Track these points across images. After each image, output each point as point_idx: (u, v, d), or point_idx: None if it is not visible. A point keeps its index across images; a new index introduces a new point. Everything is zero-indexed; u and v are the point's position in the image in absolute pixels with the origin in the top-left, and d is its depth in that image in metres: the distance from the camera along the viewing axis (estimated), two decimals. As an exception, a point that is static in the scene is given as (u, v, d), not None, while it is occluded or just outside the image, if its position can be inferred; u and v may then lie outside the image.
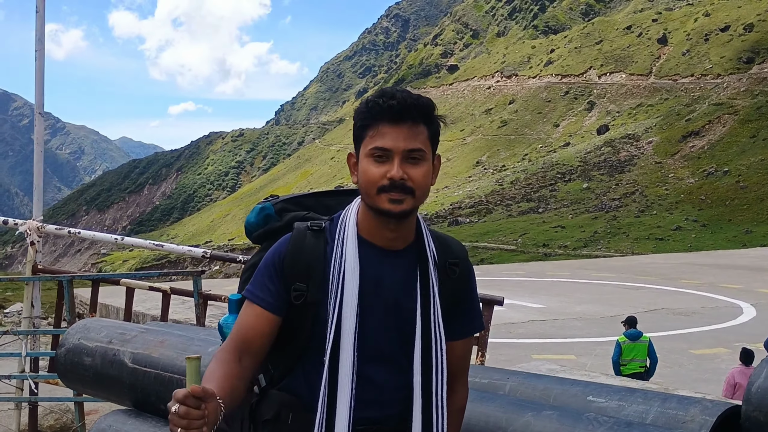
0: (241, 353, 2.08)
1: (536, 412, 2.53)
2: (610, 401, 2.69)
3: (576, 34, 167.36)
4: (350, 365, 2.07)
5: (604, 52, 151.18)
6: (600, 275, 26.62)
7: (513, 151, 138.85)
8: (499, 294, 19.60)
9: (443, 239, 2.27)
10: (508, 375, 3.01)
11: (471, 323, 2.30)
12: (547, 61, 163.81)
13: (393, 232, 2.14)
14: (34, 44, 6.18)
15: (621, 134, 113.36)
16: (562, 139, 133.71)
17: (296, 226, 2.22)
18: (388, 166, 2.05)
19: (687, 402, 2.61)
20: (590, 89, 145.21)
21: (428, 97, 2.13)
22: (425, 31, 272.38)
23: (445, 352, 2.18)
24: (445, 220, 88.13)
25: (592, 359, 13.71)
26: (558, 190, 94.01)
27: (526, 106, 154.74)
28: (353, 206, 2.22)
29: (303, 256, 2.15)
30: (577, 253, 62.00)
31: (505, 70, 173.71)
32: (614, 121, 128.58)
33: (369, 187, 2.07)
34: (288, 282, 2.14)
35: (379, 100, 2.07)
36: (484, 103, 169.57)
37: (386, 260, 2.16)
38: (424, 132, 2.09)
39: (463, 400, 2.34)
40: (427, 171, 2.09)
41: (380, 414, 2.14)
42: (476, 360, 4.79)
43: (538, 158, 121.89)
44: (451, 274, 2.22)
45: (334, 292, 2.10)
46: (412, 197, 2.06)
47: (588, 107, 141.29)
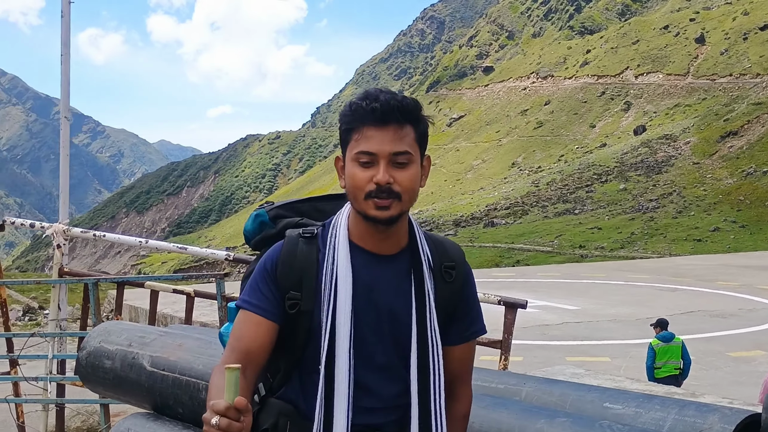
0: (243, 365, 1.99)
1: (549, 419, 2.49)
2: (627, 408, 2.65)
3: (612, 34, 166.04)
4: (346, 372, 2.04)
5: (641, 52, 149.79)
6: (636, 277, 26.34)
7: (549, 152, 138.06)
8: (534, 295, 19.53)
9: (439, 242, 2.23)
10: (524, 380, 2.97)
11: (471, 327, 2.24)
12: (583, 61, 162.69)
13: (383, 237, 2.10)
14: (70, 49, 6.23)
15: (658, 135, 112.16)
16: (598, 139, 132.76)
17: (288, 234, 2.18)
18: (374, 170, 2.00)
19: (706, 409, 2.55)
20: (627, 89, 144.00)
21: (414, 98, 2.09)
22: (460, 32, 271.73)
23: (442, 358, 2.13)
24: (481, 221, 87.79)
25: (627, 361, 13.58)
26: (594, 191, 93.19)
27: (562, 107, 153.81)
28: (344, 211, 2.18)
29: (295, 264, 2.11)
30: (614, 255, 61.46)
31: (541, 71, 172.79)
32: (651, 121, 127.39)
33: (356, 192, 2.03)
34: (281, 290, 2.10)
35: (362, 103, 2.03)
36: (519, 104, 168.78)
37: (379, 266, 2.12)
38: (410, 134, 2.05)
39: (466, 407, 2.29)
40: (414, 174, 2.05)
41: (379, 421, 2.11)
42: (499, 365, 4.75)
43: (574, 159, 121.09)
44: (447, 277, 2.17)
45: (327, 300, 2.06)
46: (399, 202, 2.02)
47: (625, 108, 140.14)
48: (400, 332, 2.11)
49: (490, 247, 69.01)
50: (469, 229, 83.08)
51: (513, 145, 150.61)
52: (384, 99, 2.02)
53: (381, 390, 2.11)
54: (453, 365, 2.22)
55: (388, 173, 2.00)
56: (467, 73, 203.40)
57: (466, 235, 77.17)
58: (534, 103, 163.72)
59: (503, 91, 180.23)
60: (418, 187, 2.08)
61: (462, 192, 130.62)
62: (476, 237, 75.48)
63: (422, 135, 2.10)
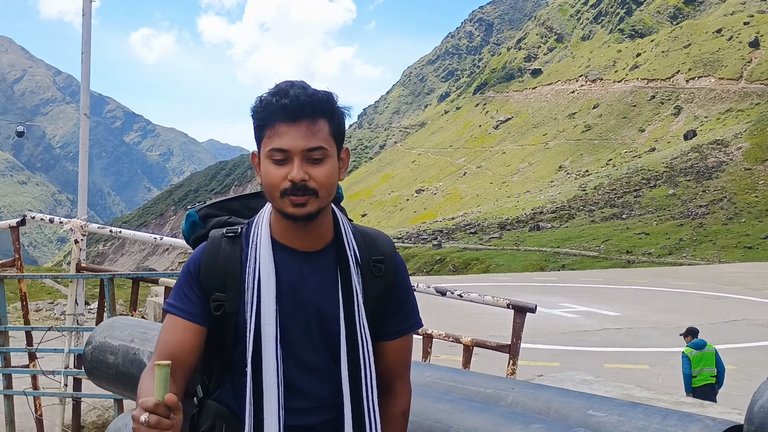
0: (172, 370, 1.96)
1: (525, 425, 2.45)
2: (610, 416, 2.61)
3: (663, 37, 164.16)
4: (274, 374, 2.00)
5: (693, 55, 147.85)
6: (680, 284, 25.99)
7: (597, 156, 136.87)
8: (575, 301, 19.35)
9: (369, 236, 2.17)
10: (513, 385, 2.94)
11: (405, 322, 2.18)
12: (633, 65, 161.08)
13: (305, 234, 2.06)
14: (90, 47, 6.29)
15: (709, 140, 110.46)
16: (647, 144, 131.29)
17: (211, 234, 2.15)
18: (289, 167, 1.95)
19: (688, 419, 2.50)
20: (677, 94, 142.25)
21: (327, 90, 2.03)
22: (509, 35, 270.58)
23: (372, 355, 2.08)
24: (526, 225, 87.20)
25: (666, 369, 13.41)
26: (642, 196, 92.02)
27: (611, 110, 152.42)
28: (266, 209, 2.13)
29: (218, 265, 2.07)
30: (662, 261, 60.67)
31: (590, 74, 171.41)
32: (702, 126, 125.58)
33: (272, 190, 1.98)
34: (206, 292, 2.06)
35: (272, 99, 1.97)
36: (567, 107, 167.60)
37: (304, 263, 2.07)
38: (324, 128, 1.99)
39: (405, 403, 2.22)
40: (330, 169, 2.00)
41: (312, 421, 2.06)
42: (507, 369, 4.69)
43: (622, 163, 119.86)
44: (376, 272, 2.11)
45: (250, 300, 2.02)
46: (317, 198, 1.97)
47: (675, 112, 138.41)
48: (329, 330, 2.06)
49: (535, 251, 68.45)
50: (515, 232, 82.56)
51: (560, 148, 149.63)
52: (294, 94, 1.96)
53: (313, 390, 2.06)
54: (389, 361, 2.17)
55: (302, 170, 1.95)
56: (515, 76, 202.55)
57: (511, 239, 76.73)
58: (582, 106, 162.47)
59: (551, 93, 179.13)
60: (336, 181, 2.03)
61: (508, 195, 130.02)
62: (521, 241, 74.93)
63: (337, 128, 2.03)
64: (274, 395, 2.00)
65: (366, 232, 2.19)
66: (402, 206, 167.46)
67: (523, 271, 49.62)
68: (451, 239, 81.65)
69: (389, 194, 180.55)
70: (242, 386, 2.04)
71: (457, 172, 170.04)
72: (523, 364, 13.16)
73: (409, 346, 2.24)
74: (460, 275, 48.52)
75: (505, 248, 69.61)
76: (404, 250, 71.49)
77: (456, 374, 3.15)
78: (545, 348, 15.06)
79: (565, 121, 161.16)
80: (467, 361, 4.68)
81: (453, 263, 64.01)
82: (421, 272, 61.49)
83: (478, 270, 57.28)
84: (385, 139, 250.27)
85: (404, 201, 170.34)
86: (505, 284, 27.50)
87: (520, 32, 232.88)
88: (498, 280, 30.17)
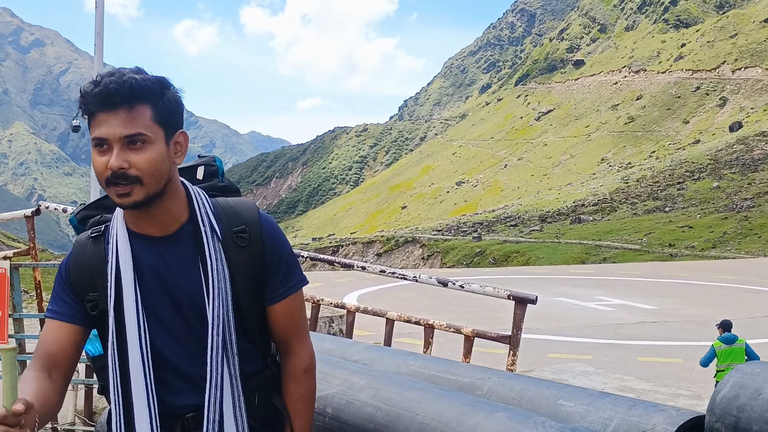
0: (49, 369, 2.02)
1: (488, 414, 2.48)
2: (578, 406, 2.65)
3: (709, 27, 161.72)
4: (139, 359, 2.02)
5: (739, 46, 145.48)
6: (720, 277, 25.62)
7: (639, 148, 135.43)
8: (611, 294, 19.16)
9: (231, 206, 2.17)
10: (490, 375, 2.98)
11: (286, 283, 2.17)
12: (677, 55, 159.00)
13: (153, 220, 2.05)
14: (103, 39, 6.35)
15: (755, 131, 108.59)
16: (691, 136, 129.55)
17: (77, 239, 2.17)
18: (109, 155, 1.93)
19: (653, 409, 2.52)
20: (723, 85, 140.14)
21: (153, 76, 2.01)
22: (551, 25, 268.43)
23: (234, 327, 2.07)
24: (568, 217, 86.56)
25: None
26: (686, 189, 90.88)
27: (655, 101, 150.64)
28: None
29: (84, 267, 2.09)
30: (705, 254, 59.83)
31: (633, 65, 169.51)
32: (748, 117, 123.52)
33: (99, 179, 1.99)
34: (79, 294, 2.09)
35: (88, 88, 1.95)
36: (610, 98, 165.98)
37: (161, 247, 2.07)
38: (146, 113, 1.96)
39: (305, 361, 2.23)
40: (154, 155, 1.96)
41: (192, 401, 2.07)
42: (507, 360, 4.63)
43: (665, 156, 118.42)
44: (241, 242, 2.11)
45: (110, 291, 2.04)
46: (142, 185, 1.95)
47: (720, 103, 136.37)
48: (200, 308, 2.05)
49: (576, 244, 67.91)
50: (556, 225, 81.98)
51: (603, 140, 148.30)
52: (105, 82, 1.93)
53: (192, 370, 2.06)
54: (281, 324, 2.19)
55: (121, 157, 1.93)
56: (557, 67, 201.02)
57: (552, 231, 76.21)
58: (625, 97, 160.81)
59: (594, 85, 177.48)
60: (164, 166, 1.99)
61: (549, 187, 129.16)
62: (562, 233, 74.34)
63: (163, 111, 2.00)
64: (141, 379, 2.02)
65: (227, 204, 2.18)
66: (442, 198, 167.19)
67: (563, 264, 49.27)
68: (492, 232, 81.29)
69: (429, 186, 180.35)
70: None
71: (498, 164, 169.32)
72: (555, 357, 13.09)
73: (299, 305, 2.24)
74: (500, 267, 48.31)
75: (545, 241, 69.14)
76: (444, 243, 71.43)
77: (439, 364, 3.20)
78: (579, 341, 14.97)
79: (608, 112, 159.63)
80: (468, 351, 4.64)
81: (493, 256, 63.69)
82: (461, 264, 61.38)
83: (518, 263, 57.01)
84: (425, 131, 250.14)
85: (444, 193, 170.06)
86: (542, 277, 27.34)
87: (563, 23, 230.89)
88: (536, 273, 30.00)
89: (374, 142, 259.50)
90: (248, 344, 2.15)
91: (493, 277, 26.77)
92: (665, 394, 4.95)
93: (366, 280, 22.34)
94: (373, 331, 10.91)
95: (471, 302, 16.47)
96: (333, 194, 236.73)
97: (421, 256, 70.25)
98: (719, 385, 2.36)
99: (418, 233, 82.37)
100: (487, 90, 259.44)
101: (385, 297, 19.25)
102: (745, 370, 2.31)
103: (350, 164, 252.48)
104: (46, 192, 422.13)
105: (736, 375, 2.30)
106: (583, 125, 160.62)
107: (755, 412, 2.23)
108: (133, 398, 2.02)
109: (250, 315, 2.14)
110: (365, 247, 77.85)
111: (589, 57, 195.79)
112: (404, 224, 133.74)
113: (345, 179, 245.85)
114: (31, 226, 5.57)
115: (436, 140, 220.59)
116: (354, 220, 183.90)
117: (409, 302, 17.65)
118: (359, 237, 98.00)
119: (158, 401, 2.04)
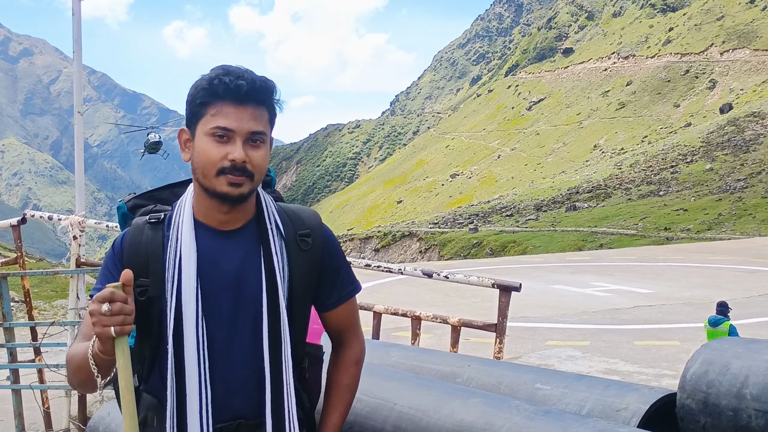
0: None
1: (464, 400, 2.51)
2: (555, 388, 2.70)
3: (696, 10, 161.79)
4: (195, 351, 2.01)
5: (726, 28, 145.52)
6: (715, 258, 25.64)
7: (632, 134, 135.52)
8: (607, 279, 19.15)
9: (294, 212, 2.22)
10: (470, 362, 3.01)
11: (343, 290, 2.25)
12: (665, 39, 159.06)
13: (227, 214, 2.09)
14: (81, 46, 6.33)
15: (745, 112, 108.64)
16: (683, 119, 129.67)
17: (134, 222, 2.17)
18: (230, 147, 1.99)
19: (627, 389, 2.56)
20: (712, 67, 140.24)
21: (272, 80, 2.09)
22: (539, 14, 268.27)
23: (288, 328, 2.09)
24: (562, 205, 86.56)
25: (697, 345, 13.12)
26: (679, 172, 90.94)
27: (645, 86, 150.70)
28: (188, 191, 2.17)
29: (140, 250, 2.09)
30: (701, 236, 59.87)
31: (622, 51, 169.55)
32: (738, 99, 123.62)
33: (207, 167, 2.01)
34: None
35: (225, 79, 2.00)
36: (600, 85, 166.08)
37: (225, 241, 2.10)
38: (266, 115, 2.06)
39: (357, 353, 2.31)
40: (266, 154, 2.06)
41: (236, 405, 2.08)
42: (495, 348, 4.65)
43: (658, 140, 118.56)
44: (304, 246, 2.15)
45: (171, 278, 2.04)
46: (251, 181, 2.03)
47: (710, 86, 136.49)
48: (253, 303, 2.08)
49: (573, 231, 67.93)
50: (551, 213, 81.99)
51: (594, 127, 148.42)
52: (249, 78, 2.02)
53: (243, 364, 2.08)
54: (337, 324, 2.28)
55: (243, 151, 2.00)
56: (546, 56, 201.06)
57: (548, 220, 76.27)
58: (615, 83, 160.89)
59: (583, 72, 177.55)
60: (267, 166, 2.10)
61: (543, 176, 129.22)
62: (558, 221, 74.37)
63: (273, 117, 2.10)
64: (195, 373, 2.01)
65: (291, 209, 2.23)
66: (437, 191, 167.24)
67: (560, 252, 49.29)
68: (488, 222, 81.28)
69: (424, 180, 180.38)
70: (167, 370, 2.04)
71: (492, 155, 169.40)
72: (552, 344, 13.11)
73: (353, 308, 2.32)
74: (497, 257, 48.33)
75: (541, 230, 69.18)
76: (441, 235, 71.46)
77: (419, 353, 3.24)
78: (575, 327, 14.98)
79: (599, 99, 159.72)
80: (455, 341, 4.66)
81: (490, 246, 63.69)
82: (459, 256, 61.36)
83: (515, 252, 57.05)
84: (418, 125, 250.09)
85: (439, 186, 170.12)
86: (539, 265, 27.33)
87: (551, 11, 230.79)
88: (533, 262, 29.98)
89: (367, 138, 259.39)
90: (296, 346, 2.17)
91: (490, 267, 26.75)
92: (649, 375, 4.99)
93: (363, 275, 22.30)
94: (364, 326, 10.92)
95: (468, 294, 16.50)
96: (328, 192, 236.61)
97: (418, 249, 70.26)
98: (689, 362, 2.40)
99: (415, 227, 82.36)
100: (478, 82, 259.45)
101: (382, 292, 19.25)
102: (713, 347, 2.34)
103: (344, 161, 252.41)
104: (41, 201, 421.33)
105: (705, 351, 2.34)
106: (574, 113, 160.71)
107: (724, 387, 2.25)
108: (186, 389, 2.01)
109: (298, 317, 2.16)
110: (363, 242, 77.86)
111: (578, 45, 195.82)
112: (401, 218, 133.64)
113: (340, 176, 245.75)
114: (18, 235, 5.59)
115: (428, 134, 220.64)
116: (350, 217, 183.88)
117: (404, 296, 17.66)
118: (356, 233, 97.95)
119: (211, 396, 2.04)
